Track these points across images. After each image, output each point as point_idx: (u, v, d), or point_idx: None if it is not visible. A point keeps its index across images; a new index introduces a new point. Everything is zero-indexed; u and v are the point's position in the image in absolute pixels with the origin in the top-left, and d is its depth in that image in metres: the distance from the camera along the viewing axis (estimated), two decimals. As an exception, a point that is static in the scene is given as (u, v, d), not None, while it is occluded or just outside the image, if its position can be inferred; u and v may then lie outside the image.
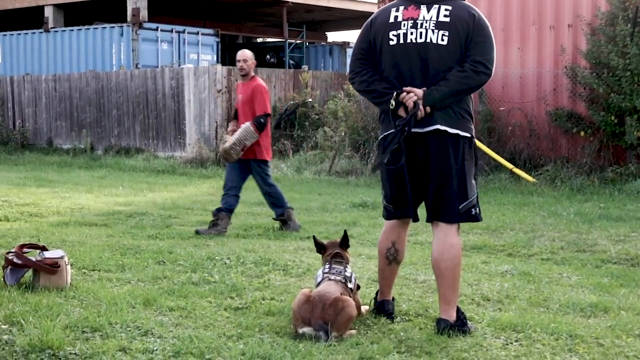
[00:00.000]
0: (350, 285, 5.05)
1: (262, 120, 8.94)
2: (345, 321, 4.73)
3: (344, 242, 5.42)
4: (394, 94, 4.83)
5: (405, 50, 4.85)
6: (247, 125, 8.80)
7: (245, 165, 9.11)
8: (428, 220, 5.00)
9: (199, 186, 14.14)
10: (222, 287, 5.96)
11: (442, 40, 4.78)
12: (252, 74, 9.33)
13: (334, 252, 5.34)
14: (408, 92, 4.80)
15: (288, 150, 17.61)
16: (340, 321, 4.70)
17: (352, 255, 6.73)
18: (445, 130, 4.82)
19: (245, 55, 9.24)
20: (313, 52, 28.26)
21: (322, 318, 4.69)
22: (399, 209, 5.07)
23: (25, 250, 6.03)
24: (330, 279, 5.04)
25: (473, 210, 4.94)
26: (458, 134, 4.84)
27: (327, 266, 5.21)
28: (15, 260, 5.86)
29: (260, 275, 6.45)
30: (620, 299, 5.80)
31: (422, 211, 5.11)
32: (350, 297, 4.94)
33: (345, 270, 5.15)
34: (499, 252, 7.78)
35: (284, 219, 9.16)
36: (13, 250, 6.03)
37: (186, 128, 18.94)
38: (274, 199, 9.23)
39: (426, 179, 4.89)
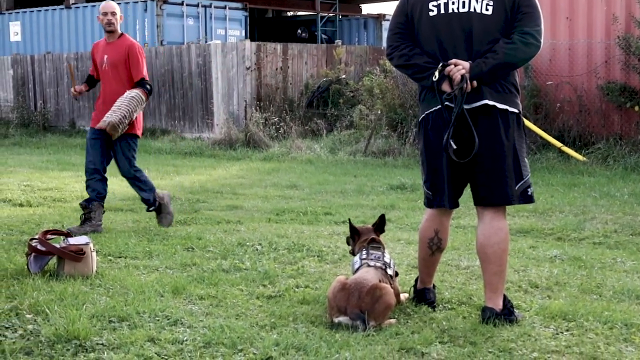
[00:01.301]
0: (389, 272, 5.04)
1: (149, 86, 8.13)
2: (383, 310, 4.72)
3: (380, 227, 5.41)
4: (438, 68, 4.77)
5: (447, 21, 4.81)
6: (136, 93, 7.84)
7: (107, 142, 8.09)
8: (477, 204, 4.95)
9: (228, 169, 14.18)
10: (254, 274, 5.97)
11: (487, 9, 4.73)
12: (120, 30, 8.26)
13: (369, 237, 5.33)
14: (455, 65, 4.74)
15: (321, 130, 17.56)
16: (377, 310, 4.69)
17: (390, 240, 6.75)
18: (494, 106, 4.76)
19: (112, 6, 8.14)
20: (347, 26, 28.13)
21: (359, 307, 4.68)
22: (441, 196, 5.03)
23: (49, 236, 6.09)
24: (369, 265, 5.03)
25: (529, 190, 4.89)
26: (507, 110, 4.78)
27: (364, 252, 5.20)
28: (39, 247, 5.92)
29: (293, 262, 6.45)
30: (678, 285, 5.73)
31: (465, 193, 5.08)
32: (390, 284, 4.93)
33: (384, 256, 5.14)
34: (547, 236, 7.72)
35: (156, 207, 8.32)
36: (36, 236, 6.09)
37: (214, 108, 18.99)
38: (142, 183, 8.38)
39: (473, 161, 4.84)
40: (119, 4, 22.33)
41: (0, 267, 5.96)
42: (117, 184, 11.76)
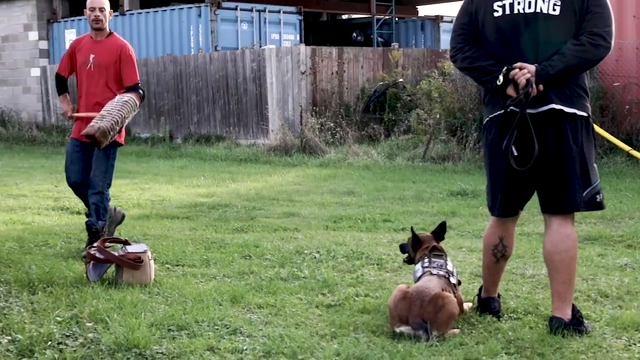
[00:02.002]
0: (452, 280, 5.01)
1: (142, 91, 7.58)
2: (446, 319, 4.70)
3: (440, 234, 5.39)
4: (504, 70, 4.74)
5: (512, 22, 4.77)
6: (129, 97, 7.19)
7: (90, 154, 7.38)
8: (544, 211, 4.90)
9: (284, 175, 14.22)
10: (313, 282, 5.99)
11: (554, 9, 4.68)
12: (108, 29, 7.62)
13: (431, 245, 5.31)
14: (520, 68, 4.70)
15: (378, 135, 17.54)
16: (440, 319, 4.67)
17: (452, 248, 6.71)
18: (561, 110, 4.71)
19: (101, 1, 7.45)
20: (403, 28, 28.07)
21: (421, 316, 4.67)
22: (506, 204, 4.99)
23: (107, 244, 6.19)
24: (432, 273, 5.01)
25: (597, 196, 4.83)
26: (575, 114, 4.73)
27: (426, 260, 5.18)
28: (97, 255, 6.01)
29: (352, 270, 6.45)
30: None
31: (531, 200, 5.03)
32: (453, 293, 4.90)
33: (447, 264, 5.12)
34: (616, 244, 7.59)
35: (99, 234, 7.15)
36: (95, 244, 6.18)
37: (269, 113, 19.06)
38: (102, 204, 7.33)
39: (540, 167, 4.79)
40: (172, 10, 22.81)
41: (59, 275, 6.06)
42: (172, 191, 11.93)
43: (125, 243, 6.29)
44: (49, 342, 4.49)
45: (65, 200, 10.54)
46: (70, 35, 24.41)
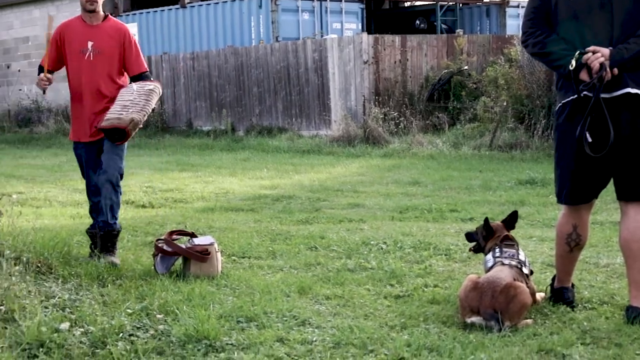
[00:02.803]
0: (525, 270, 4.99)
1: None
2: (518, 310, 4.67)
3: (511, 224, 5.36)
4: (576, 54, 4.69)
5: (586, 3, 4.71)
6: (154, 86, 6.54)
7: (97, 150, 6.57)
8: (620, 199, 4.84)
9: (348, 166, 14.24)
10: (380, 273, 5.99)
11: (630, -9, 4.63)
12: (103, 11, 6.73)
13: (502, 234, 5.28)
14: (594, 52, 4.64)
15: (443, 124, 17.44)
16: (512, 310, 4.64)
17: (522, 237, 6.65)
18: (638, 94, 4.65)
19: None
20: (467, 14, 27.79)
21: (492, 306, 4.65)
22: (578, 192, 4.94)
23: (174, 237, 6.26)
24: (503, 263, 4.98)
25: None
26: (651, 98, 4.67)
27: (497, 250, 5.16)
28: (165, 247, 6.09)
29: (420, 261, 6.43)
30: None
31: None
32: (525, 283, 4.87)
33: (519, 254, 5.09)
34: (692, 231, 7.46)
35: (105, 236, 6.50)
36: (162, 237, 6.27)
37: (331, 103, 19.08)
38: (117, 197, 6.57)
39: (616, 153, 4.72)
40: (233, 1, 22.92)
41: (128, 268, 6.17)
42: (236, 184, 12.03)
43: (192, 235, 6.37)
44: (121, 334, 4.57)
45: (131, 194, 10.69)
46: (131, 29, 24.62)
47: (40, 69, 6.60)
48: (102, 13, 6.63)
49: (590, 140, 4.70)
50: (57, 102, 25.82)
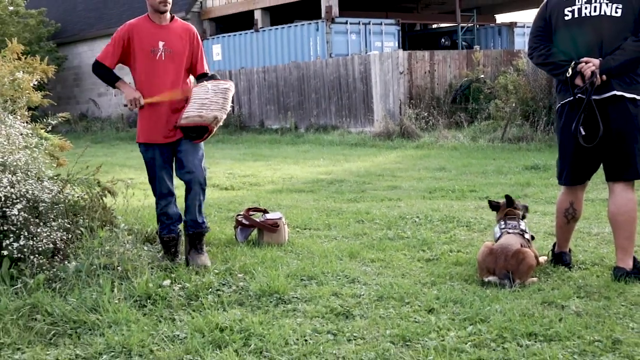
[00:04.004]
0: (527, 236, 4.94)
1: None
2: (526, 270, 4.63)
3: (509, 203, 5.28)
4: (572, 64, 4.64)
5: (580, 24, 4.64)
6: (230, 85, 5.38)
7: (171, 152, 5.42)
8: (608, 180, 4.76)
9: (387, 156, 14.19)
10: (414, 241, 5.98)
11: (616, 12, 4.53)
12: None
13: (506, 210, 5.24)
14: (586, 62, 4.58)
15: (464, 122, 17.32)
16: (522, 270, 4.62)
17: (528, 213, 6.56)
18: (622, 95, 4.57)
19: None
20: (483, 34, 27.45)
21: (505, 267, 4.62)
22: (574, 175, 4.87)
23: (251, 213, 6.31)
24: (509, 232, 4.95)
25: None
26: (634, 98, 4.58)
27: (502, 222, 5.13)
28: (244, 221, 6.15)
29: (446, 231, 6.40)
30: None
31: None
32: (529, 247, 4.83)
33: (520, 224, 5.05)
34: (668, 207, 7.30)
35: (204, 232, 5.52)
36: (241, 213, 6.32)
37: (374, 106, 19.04)
38: (204, 193, 5.50)
39: (605, 143, 4.65)
40: (295, 26, 22.93)
41: (214, 237, 6.22)
42: (298, 171, 12.06)
43: (264, 212, 6.40)
44: (210, 289, 4.63)
45: (216, 179, 10.79)
46: (216, 50, 24.90)
47: (100, 65, 5.30)
48: (169, 14, 5.47)
49: (583, 133, 4.65)
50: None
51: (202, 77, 5.52)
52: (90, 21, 30.19)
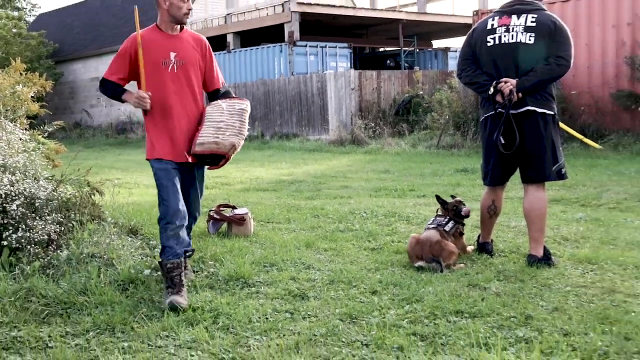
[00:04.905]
0: (447, 229, 4.97)
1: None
2: (448, 254, 4.69)
3: (442, 203, 5.29)
4: (493, 83, 4.68)
5: (500, 50, 4.69)
6: (246, 105, 4.39)
7: (188, 174, 4.41)
8: (524, 181, 4.82)
9: (340, 160, 14.21)
10: (362, 233, 5.99)
11: (530, 40, 4.59)
12: None
13: (438, 209, 5.28)
14: (505, 82, 4.64)
15: (405, 131, 17.42)
16: (444, 255, 4.68)
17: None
18: (535, 110, 4.63)
19: None
20: (422, 56, 27.67)
21: (431, 253, 4.68)
22: (495, 177, 4.92)
23: (221, 208, 6.27)
24: (429, 228, 5.00)
25: (562, 170, 4.75)
26: (545, 112, 4.64)
27: (431, 219, 5.18)
28: (215, 215, 6.10)
29: (389, 224, 6.43)
30: (676, 238, 5.45)
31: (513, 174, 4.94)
32: (446, 239, 4.86)
33: (443, 221, 5.04)
34: (573, 204, 7.45)
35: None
36: (213, 209, 6.27)
37: (329, 117, 19.06)
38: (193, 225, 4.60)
39: (521, 150, 4.71)
40: (262, 48, 22.80)
41: (193, 230, 6.15)
42: (264, 172, 12.01)
43: (233, 207, 6.37)
44: (184, 274, 4.57)
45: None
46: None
47: (107, 83, 4.26)
48: None
49: (503, 142, 4.70)
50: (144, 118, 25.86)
51: (215, 93, 4.45)
52: (84, 42, 29.74)
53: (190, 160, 4.21)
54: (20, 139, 5.41)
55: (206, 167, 4.39)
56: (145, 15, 10.09)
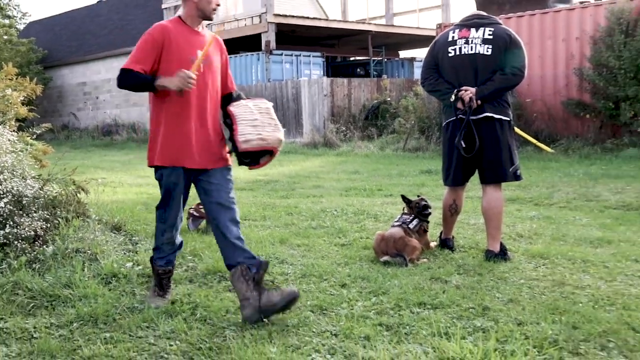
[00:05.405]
0: (411, 227, 4.98)
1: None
2: (411, 250, 4.70)
3: (407, 202, 5.32)
4: (454, 92, 4.70)
5: (461, 60, 4.71)
6: (271, 104, 3.77)
7: (195, 180, 3.77)
8: (482, 182, 4.84)
9: (313, 161, 14.19)
10: (332, 230, 5.98)
11: (487, 51, 4.63)
12: None
13: (404, 208, 5.29)
14: (465, 90, 4.66)
15: (374, 135, 17.47)
16: (407, 250, 4.69)
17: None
18: (493, 116, 4.66)
19: None
20: (390, 65, 27.76)
21: (395, 248, 4.69)
22: (456, 178, 4.94)
23: (200, 206, 6.18)
24: (394, 225, 5.02)
25: (518, 172, 4.79)
26: (502, 118, 4.68)
27: (397, 216, 5.19)
28: (195, 213, 6.04)
29: (358, 222, 6.43)
30: (619, 234, 5.53)
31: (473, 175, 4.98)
32: (410, 235, 4.87)
33: (408, 219, 5.05)
34: (528, 203, 7.54)
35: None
36: (193, 206, 6.20)
37: (303, 121, 19.02)
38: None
39: (480, 153, 4.74)
40: (241, 56, 22.68)
41: (170, 226, 6.09)
42: (242, 173, 11.90)
43: (213, 205, 6.29)
44: (165, 269, 4.52)
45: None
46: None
47: (130, 72, 3.47)
48: None
49: (464, 145, 4.72)
50: (129, 120, 25.63)
51: (228, 97, 3.81)
52: (72, 49, 29.35)
53: (205, 163, 3.63)
54: (9, 140, 5.29)
55: (247, 167, 3.74)
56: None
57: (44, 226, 4.69)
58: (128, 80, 3.50)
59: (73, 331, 3.40)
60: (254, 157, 3.68)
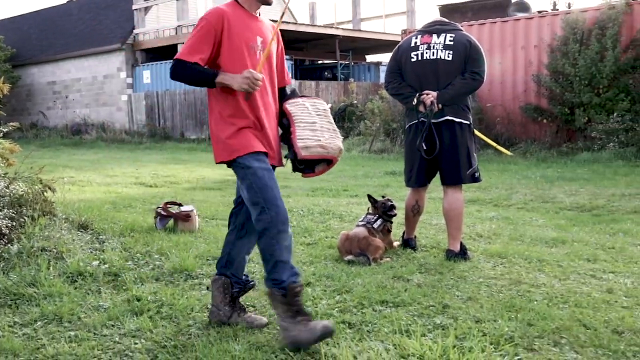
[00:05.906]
0: (375, 226, 4.99)
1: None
2: (374, 249, 4.72)
3: (373, 203, 5.33)
4: (416, 95, 4.73)
5: (423, 65, 4.75)
6: (327, 105, 3.49)
7: None
8: (443, 184, 4.88)
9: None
10: (299, 229, 5.96)
11: (448, 57, 4.67)
12: None
13: (368, 208, 5.30)
14: (427, 94, 4.70)
15: (340, 137, 17.49)
16: (371, 249, 4.70)
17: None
18: (453, 120, 4.70)
19: None
20: (357, 69, 27.85)
21: (359, 247, 4.70)
22: (418, 179, 4.97)
23: (168, 205, 6.13)
24: (358, 225, 5.03)
25: (476, 174, 4.83)
26: (462, 122, 4.72)
27: (362, 217, 5.19)
28: (162, 212, 5.95)
29: (323, 221, 6.42)
30: (573, 234, 5.64)
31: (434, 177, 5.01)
32: (374, 235, 4.88)
33: (372, 219, 5.07)
34: (487, 204, 7.63)
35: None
36: (161, 205, 6.12)
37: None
38: None
39: (440, 156, 4.77)
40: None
41: (138, 225, 5.98)
42: (210, 172, 11.82)
43: (180, 205, 6.23)
44: (131, 267, 4.44)
45: (142, 178, 10.45)
46: (146, 74, 24.02)
47: (185, 64, 3.00)
48: None
49: (425, 148, 4.75)
50: (98, 119, 25.20)
51: (282, 91, 3.44)
52: (41, 48, 28.71)
53: (282, 164, 3.29)
54: (-26, 138, 5.14)
55: (301, 174, 3.30)
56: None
57: (9, 224, 4.57)
58: (185, 72, 3.03)
59: (37, 330, 3.31)
60: (309, 164, 3.24)
